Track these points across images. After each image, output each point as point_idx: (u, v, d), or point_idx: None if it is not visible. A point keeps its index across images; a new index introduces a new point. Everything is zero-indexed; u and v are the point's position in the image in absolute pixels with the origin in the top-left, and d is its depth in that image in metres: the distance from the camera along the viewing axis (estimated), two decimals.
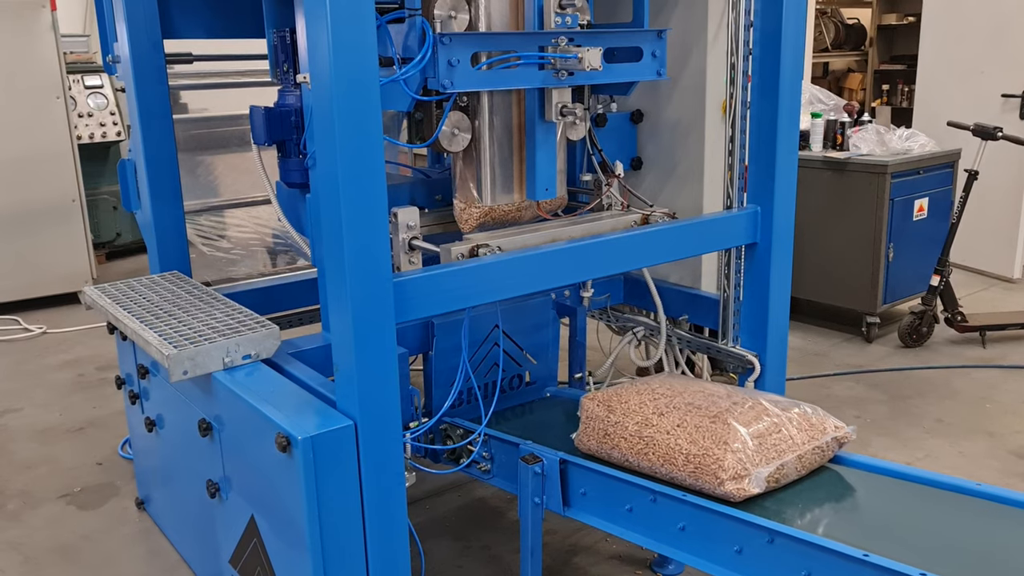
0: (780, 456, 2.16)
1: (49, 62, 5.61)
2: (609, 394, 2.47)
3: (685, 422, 2.24)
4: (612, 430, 2.35)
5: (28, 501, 3.37)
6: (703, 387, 2.45)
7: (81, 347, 5.09)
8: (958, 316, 4.74)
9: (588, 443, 2.41)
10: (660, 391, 2.43)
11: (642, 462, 2.26)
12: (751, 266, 2.86)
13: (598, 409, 2.42)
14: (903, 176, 4.72)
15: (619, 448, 2.32)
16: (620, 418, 2.35)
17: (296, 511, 2.04)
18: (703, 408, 2.29)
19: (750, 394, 2.39)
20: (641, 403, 2.37)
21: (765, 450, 2.15)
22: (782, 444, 2.19)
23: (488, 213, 2.63)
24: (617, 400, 2.42)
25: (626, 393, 2.45)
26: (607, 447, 2.35)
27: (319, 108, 1.93)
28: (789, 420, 2.25)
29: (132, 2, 2.91)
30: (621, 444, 2.31)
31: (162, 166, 3.10)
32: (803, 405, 2.35)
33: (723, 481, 2.08)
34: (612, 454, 2.34)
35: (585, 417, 2.44)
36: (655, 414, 2.31)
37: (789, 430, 2.22)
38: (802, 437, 2.23)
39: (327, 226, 1.99)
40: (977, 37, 5.88)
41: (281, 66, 2.71)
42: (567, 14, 2.46)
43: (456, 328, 2.80)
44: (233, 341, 2.38)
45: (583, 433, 2.44)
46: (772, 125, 2.72)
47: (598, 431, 2.39)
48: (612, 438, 2.34)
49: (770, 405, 2.30)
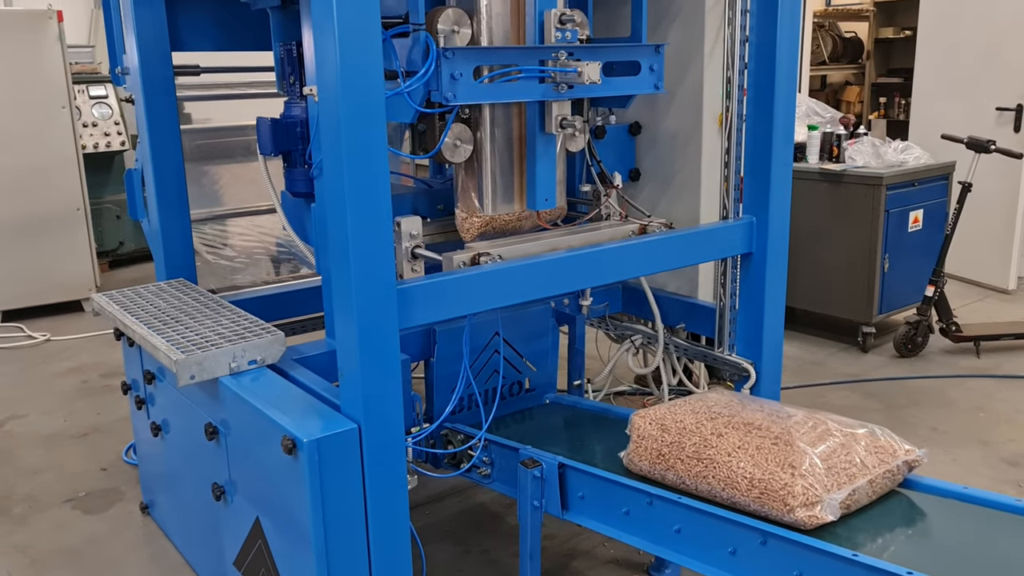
0: (851, 481, 2.04)
1: (55, 73, 5.68)
2: (662, 412, 2.35)
3: (746, 443, 2.13)
4: (667, 451, 2.23)
5: (34, 505, 3.41)
6: (760, 405, 2.35)
7: (84, 354, 5.14)
8: (953, 326, 4.79)
9: (640, 463, 2.30)
10: (716, 409, 2.31)
11: (700, 485, 2.14)
12: (747, 275, 2.92)
13: (650, 428, 2.30)
14: (898, 188, 4.78)
15: (675, 470, 2.21)
16: (676, 438, 2.23)
17: (301, 512, 2.08)
18: (763, 428, 2.17)
19: (811, 413, 2.28)
20: (697, 422, 2.26)
21: (835, 474, 2.03)
22: (852, 468, 2.07)
23: (489, 223, 2.68)
24: (671, 419, 2.30)
25: (680, 411, 2.33)
26: (661, 468, 2.24)
27: (326, 120, 1.99)
28: (857, 441, 2.13)
29: (141, 16, 2.98)
30: (677, 466, 2.20)
31: (169, 176, 3.16)
32: (870, 426, 2.23)
33: (793, 508, 1.97)
34: (667, 476, 2.23)
35: (636, 436, 2.33)
36: (713, 434, 2.19)
37: (858, 453, 2.10)
38: (872, 460, 2.11)
39: (333, 234, 2.04)
40: (972, 51, 5.95)
41: (287, 78, 2.77)
42: (567, 29, 2.52)
43: (457, 335, 2.85)
44: (239, 347, 2.43)
45: (633, 453, 2.32)
46: (767, 137, 2.78)
47: (651, 451, 2.27)
48: (667, 459, 2.23)
49: (834, 425, 2.18)
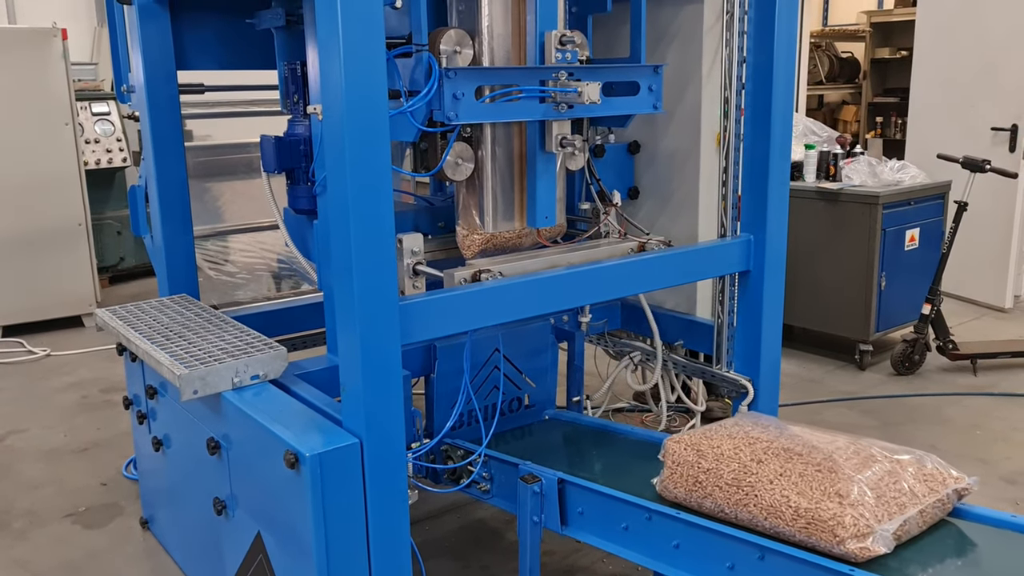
0: (902, 511, 1.97)
1: (59, 89, 5.72)
2: (698, 437, 2.28)
3: (788, 470, 2.06)
4: (704, 478, 2.17)
5: (34, 520, 3.42)
6: (799, 429, 2.28)
7: (85, 369, 5.15)
8: (950, 344, 4.82)
9: (675, 491, 2.24)
10: (754, 434, 2.24)
11: (741, 513, 2.08)
12: (744, 293, 2.95)
13: (686, 454, 2.23)
14: (895, 207, 4.82)
15: (713, 497, 2.14)
16: (713, 464, 2.17)
17: (303, 527, 2.10)
18: (805, 454, 2.10)
19: (854, 438, 2.21)
20: (736, 448, 2.19)
21: (885, 504, 1.96)
22: (902, 497, 1.99)
23: (490, 240, 2.71)
24: (708, 444, 2.23)
25: (716, 436, 2.26)
26: (698, 496, 2.17)
27: (330, 138, 2.02)
28: (904, 469, 2.06)
29: (147, 34, 3.02)
30: (715, 494, 2.14)
31: (173, 192, 3.19)
32: (916, 452, 2.16)
33: (843, 540, 1.91)
34: (704, 503, 2.17)
35: (671, 462, 2.26)
36: (753, 460, 2.12)
37: (907, 481, 2.03)
38: (922, 489, 2.03)
39: (336, 251, 2.07)
40: (968, 72, 6.01)
41: (291, 97, 2.81)
42: (567, 50, 2.56)
43: (457, 351, 2.87)
44: (242, 362, 2.45)
45: (668, 480, 2.25)
46: (764, 156, 2.82)
47: (687, 478, 2.20)
48: (704, 486, 2.16)
49: (878, 451, 2.11)
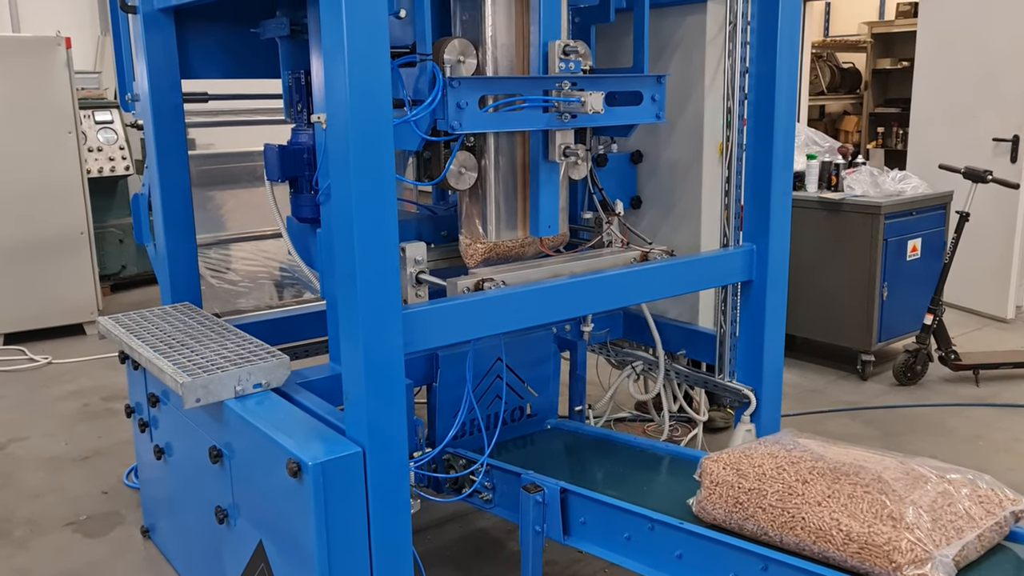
0: (960, 535, 1.89)
1: (63, 98, 5.73)
2: (737, 456, 2.20)
3: (836, 491, 1.98)
4: (746, 499, 2.09)
5: (35, 529, 3.41)
6: (842, 448, 2.20)
7: (86, 378, 5.14)
8: (952, 355, 4.81)
9: (714, 512, 2.16)
10: (796, 453, 2.15)
11: (787, 537, 2.01)
12: (747, 302, 2.95)
13: (725, 473, 2.15)
14: (896, 217, 4.82)
15: (755, 519, 2.07)
16: (755, 485, 2.08)
17: (305, 535, 2.09)
18: (853, 474, 2.02)
19: (906, 458, 2.13)
20: (778, 467, 2.10)
21: (943, 527, 1.88)
22: (959, 520, 1.91)
23: (493, 249, 2.72)
24: (748, 463, 2.15)
25: (757, 455, 2.18)
26: (739, 517, 2.10)
27: (335, 147, 2.03)
28: (957, 490, 1.98)
29: (152, 44, 3.03)
30: (758, 515, 2.06)
31: (176, 200, 3.19)
32: (967, 471, 2.08)
33: (900, 566, 1.83)
34: (745, 525, 2.09)
35: (709, 482, 2.18)
36: (798, 481, 2.04)
37: (962, 503, 1.95)
38: (978, 511, 1.95)
39: (340, 259, 2.07)
40: (968, 82, 6.02)
41: (295, 106, 2.82)
42: (570, 60, 2.57)
43: (460, 360, 2.87)
44: (245, 370, 2.45)
45: (706, 500, 2.18)
46: (767, 166, 2.82)
47: (727, 499, 2.12)
48: (746, 507, 2.08)
49: (930, 471, 2.03)
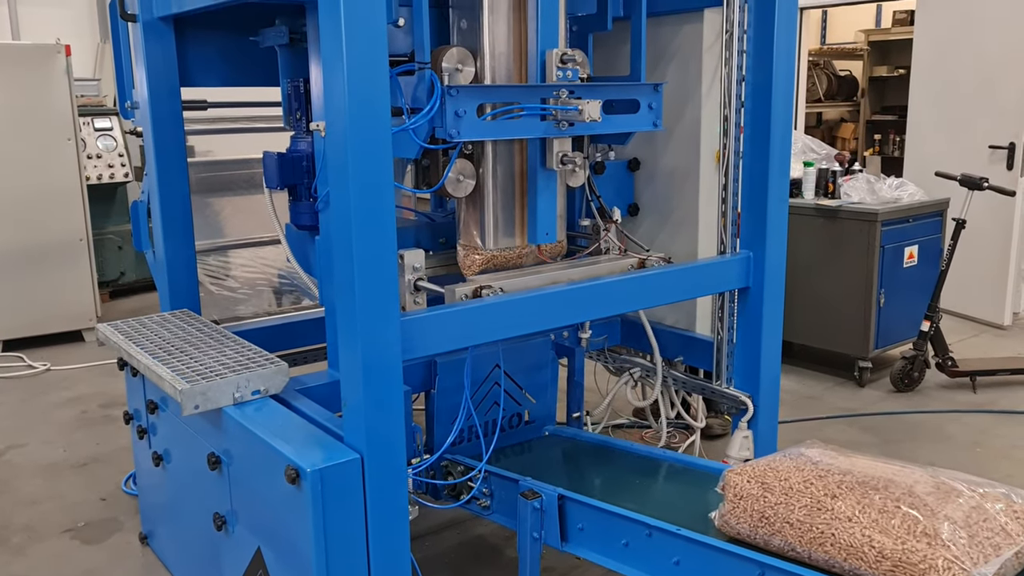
0: (997, 552, 1.82)
1: (62, 105, 5.75)
2: (762, 469, 2.14)
3: (866, 505, 1.92)
4: (772, 513, 2.03)
5: (32, 536, 3.41)
6: (868, 460, 2.14)
7: (84, 384, 5.15)
8: (949, 361, 4.82)
9: (737, 526, 2.11)
10: (823, 465, 2.09)
11: (816, 553, 1.95)
12: (744, 309, 2.96)
13: (750, 487, 2.10)
14: (893, 224, 4.84)
15: (782, 535, 2.01)
16: (781, 499, 2.03)
17: (303, 542, 2.10)
18: (883, 488, 1.96)
19: (933, 471, 2.06)
20: (805, 480, 2.04)
21: (979, 544, 1.82)
22: (996, 537, 1.85)
23: (490, 260, 2.72)
24: (774, 477, 2.09)
25: (783, 468, 2.12)
26: (765, 533, 2.05)
27: (333, 154, 2.04)
28: (991, 504, 1.92)
29: (152, 52, 3.04)
30: (785, 531, 2.00)
31: (175, 207, 3.20)
32: (998, 485, 2.02)
33: None
34: (772, 541, 2.04)
35: (732, 495, 2.12)
36: (827, 495, 1.98)
37: (998, 519, 1.89)
38: (1015, 527, 1.89)
39: (339, 266, 2.08)
40: (965, 90, 6.04)
41: (294, 114, 2.83)
42: (568, 68, 2.58)
43: (458, 367, 2.88)
44: (243, 377, 2.46)
45: (729, 514, 2.13)
46: (763, 174, 2.84)
47: (752, 513, 2.07)
48: (772, 523, 2.03)
49: (961, 485, 1.96)
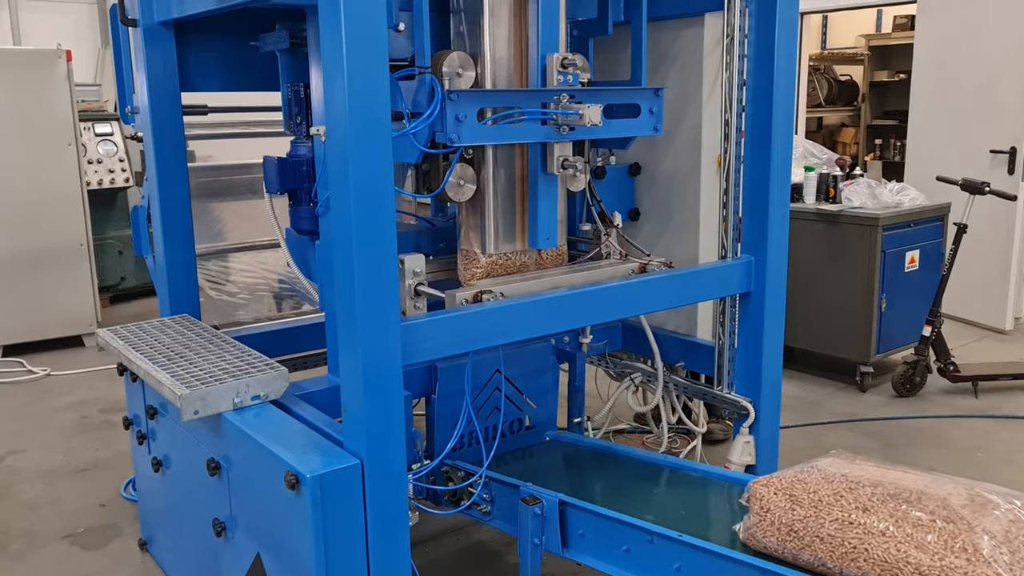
0: None
1: (63, 110, 5.75)
2: (790, 480, 2.07)
3: (901, 519, 1.86)
4: (800, 527, 1.97)
5: (32, 542, 3.40)
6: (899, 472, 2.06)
7: (84, 389, 5.14)
8: (951, 366, 4.81)
9: (764, 540, 2.05)
10: (853, 477, 2.01)
11: (848, 569, 1.89)
12: (745, 314, 2.95)
13: (777, 499, 2.03)
14: (894, 229, 4.83)
15: (812, 549, 1.95)
16: (810, 512, 1.97)
17: (303, 548, 2.09)
18: (916, 501, 1.89)
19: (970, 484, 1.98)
20: (835, 493, 1.97)
21: (1021, 560, 1.76)
22: None
23: (488, 273, 2.71)
24: (802, 489, 2.02)
25: (812, 480, 2.04)
26: (793, 547, 1.98)
27: (334, 159, 2.03)
28: None
29: (152, 57, 3.04)
30: (815, 545, 1.94)
31: (176, 212, 3.20)
32: None
33: None
34: (801, 555, 1.98)
35: (758, 508, 2.06)
36: (858, 508, 1.92)
37: None
38: None
39: (339, 271, 2.08)
40: (966, 94, 6.03)
41: (295, 118, 2.83)
42: (568, 72, 2.58)
43: (459, 372, 2.87)
44: (243, 382, 2.45)
45: (756, 527, 2.06)
46: (764, 178, 2.83)
47: (779, 526, 2.00)
48: (801, 537, 1.96)
49: (997, 497, 1.89)
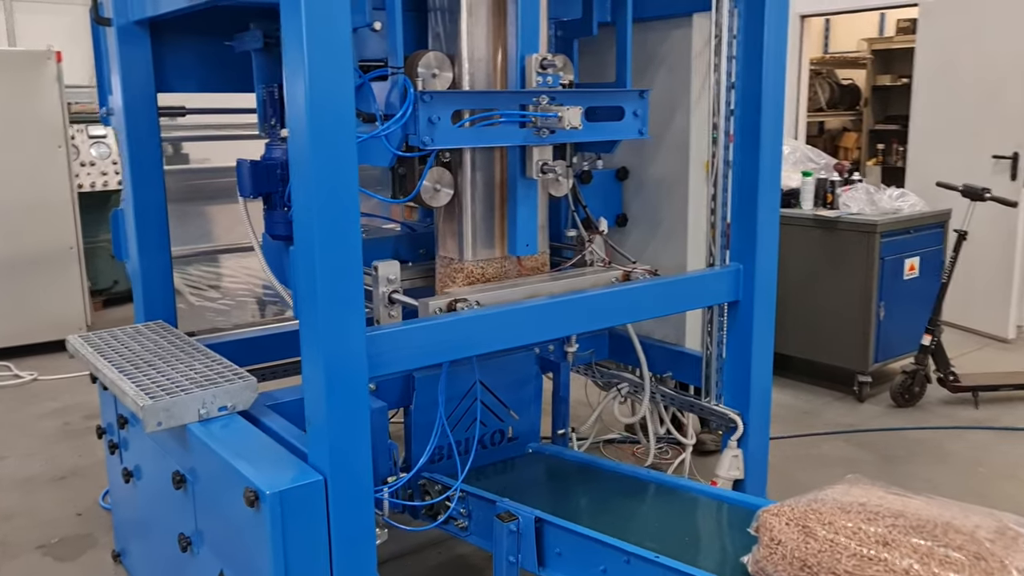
0: None
1: (52, 112, 5.70)
2: (803, 511, 1.93)
3: (927, 557, 1.74)
4: (815, 562, 1.83)
5: (5, 552, 3.32)
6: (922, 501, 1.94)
7: (70, 395, 5.07)
8: (950, 376, 4.71)
9: (775, 574, 1.91)
10: (872, 508, 1.89)
11: None
12: (734, 324, 2.86)
13: (789, 530, 1.90)
14: (893, 235, 4.74)
15: None
16: (826, 546, 1.84)
17: (263, 567, 2.01)
18: (941, 535, 1.78)
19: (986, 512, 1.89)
20: (853, 526, 1.84)
21: None
22: None
23: (469, 278, 2.63)
24: (816, 520, 1.89)
25: (827, 511, 1.90)
26: None
27: (296, 162, 1.96)
28: None
29: (127, 57, 2.96)
30: None
31: (150, 216, 3.12)
32: None
33: None
34: None
35: (768, 539, 1.93)
36: (879, 543, 1.80)
37: None
38: None
39: (302, 277, 2.00)
40: (968, 100, 5.95)
41: (269, 120, 2.76)
42: (548, 74, 2.50)
43: (437, 382, 2.78)
44: (210, 392, 2.37)
45: (766, 560, 1.93)
46: (753, 184, 2.74)
47: (791, 560, 1.88)
48: (815, 572, 1.83)
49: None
